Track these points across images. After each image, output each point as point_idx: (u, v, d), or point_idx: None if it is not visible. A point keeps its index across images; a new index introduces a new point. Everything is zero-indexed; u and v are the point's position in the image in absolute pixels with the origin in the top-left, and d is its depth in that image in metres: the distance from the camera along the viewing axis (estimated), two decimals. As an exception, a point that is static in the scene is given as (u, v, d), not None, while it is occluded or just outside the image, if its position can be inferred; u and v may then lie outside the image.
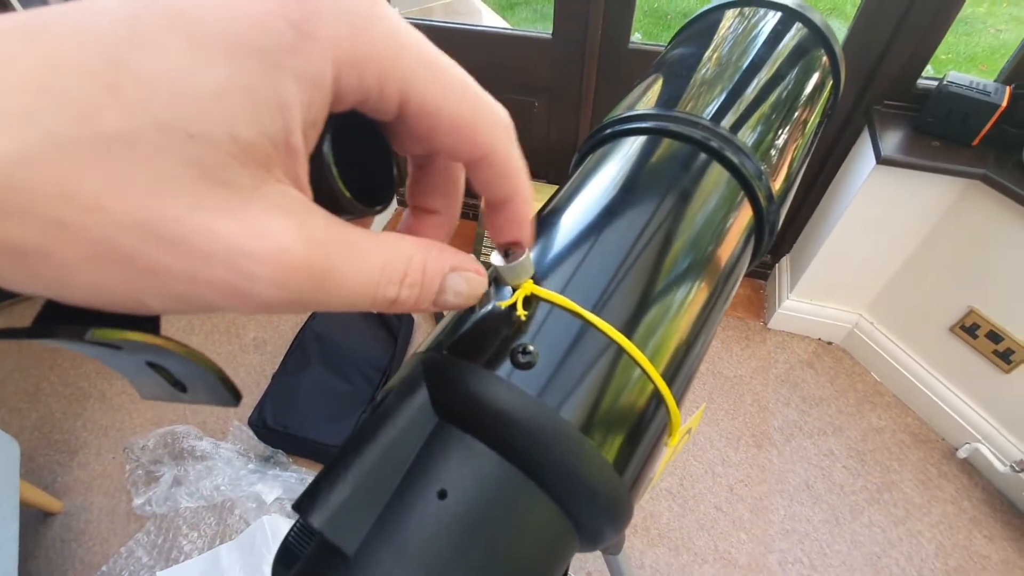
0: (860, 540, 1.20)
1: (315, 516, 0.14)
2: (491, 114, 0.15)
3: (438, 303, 0.16)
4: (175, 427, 1.39)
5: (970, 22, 3.43)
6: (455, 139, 0.15)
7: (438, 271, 0.16)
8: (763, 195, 0.26)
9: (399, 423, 0.16)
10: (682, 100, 0.28)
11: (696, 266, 0.22)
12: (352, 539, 0.14)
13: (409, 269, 0.15)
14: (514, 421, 0.16)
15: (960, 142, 1.13)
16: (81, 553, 1.23)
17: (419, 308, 0.16)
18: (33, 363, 1.57)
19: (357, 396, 1.36)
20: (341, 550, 0.14)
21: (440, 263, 0.16)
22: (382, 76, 0.13)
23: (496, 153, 0.15)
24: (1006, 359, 1.18)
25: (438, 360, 0.18)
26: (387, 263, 0.14)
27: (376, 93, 0.13)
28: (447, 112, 0.14)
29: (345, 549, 0.14)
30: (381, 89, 0.13)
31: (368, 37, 0.12)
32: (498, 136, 0.15)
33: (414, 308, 0.16)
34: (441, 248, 0.16)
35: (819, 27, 0.33)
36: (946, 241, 1.22)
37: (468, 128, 0.14)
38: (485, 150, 0.15)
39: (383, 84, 0.13)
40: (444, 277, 0.16)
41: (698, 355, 0.22)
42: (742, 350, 1.56)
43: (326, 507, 0.14)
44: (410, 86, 0.13)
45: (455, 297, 0.16)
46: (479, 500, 0.15)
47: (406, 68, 0.13)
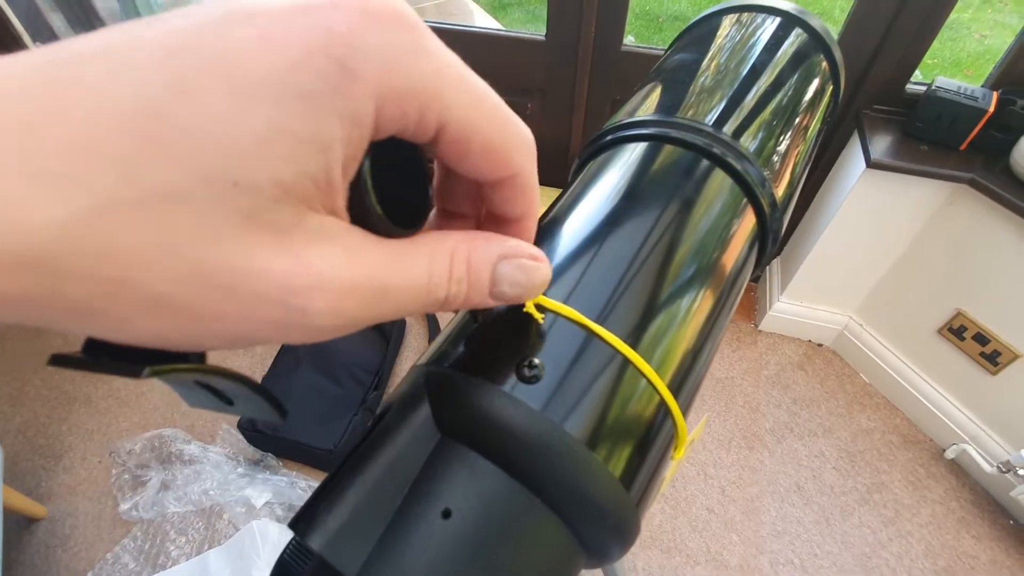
0: (850, 541, 1.21)
1: (314, 538, 0.14)
2: (518, 136, 0.15)
3: (496, 296, 0.15)
4: (163, 431, 1.37)
5: (955, 28, 3.48)
6: (486, 162, 0.15)
7: (485, 262, 0.15)
8: (767, 202, 0.26)
9: (400, 440, 0.16)
10: (683, 106, 0.28)
11: (701, 275, 0.22)
12: (353, 562, 0.14)
13: (453, 264, 0.14)
14: (519, 437, 0.16)
15: (948, 146, 1.14)
16: (66, 559, 1.20)
17: (474, 304, 0.15)
18: (16, 367, 1.54)
19: (348, 399, 1.35)
20: (341, 574, 0.14)
21: (486, 252, 0.15)
22: (423, 107, 0.13)
23: (522, 174, 0.15)
24: (993, 361, 1.20)
25: (440, 374, 0.18)
26: (431, 263, 0.14)
27: (416, 123, 0.13)
28: (480, 136, 0.14)
29: (346, 573, 0.14)
30: (421, 119, 0.13)
31: (412, 71, 0.12)
32: (524, 157, 0.15)
33: (467, 304, 0.15)
34: (487, 237, 0.15)
35: (819, 32, 0.33)
36: (934, 244, 1.24)
37: (499, 151, 0.14)
38: (513, 171, 0.15)
39: (423, 114, 0.13)
40: (493, 267, 0.15)
41: (703, 366, 0.22)
42: (733, 352, 1.56)
43: (325, 529, 0.14)
44: (448, 114, 0.13)
45: (512, 288, 0.15)
46: (485, 519, 0.15)
47: (446, 97, 0.13)
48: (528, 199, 0.16)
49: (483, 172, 0.15)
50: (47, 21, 1.81)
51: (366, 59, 0.11)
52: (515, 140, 0.15)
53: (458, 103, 0.13)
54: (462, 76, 0.13)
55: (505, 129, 0.14)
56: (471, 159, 0.14)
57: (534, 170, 0.16)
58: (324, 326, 0.12)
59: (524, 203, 0.17)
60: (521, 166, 0.15)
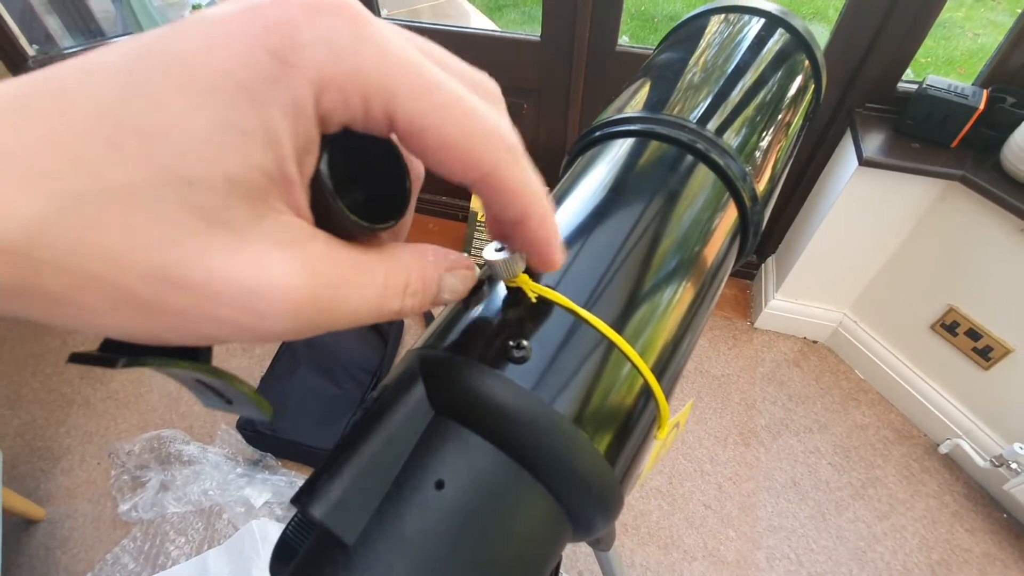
0: (845, 535, 1.22)
1: (316, 507, 0.15)
2: (485, 132, 0.14)
3: (436, 302, 0.17)
4: (161, 431, 1.37)
5: (948, 26, 3.50)
6: (445, 158, 0.14)
7: (435, 276, 0.16)
8: (747, 196, 0.27)
9: (396, 417, 0.17)
10: (669, 103, 0.29)
11: (684, 264, 0.23)
12: (352, 530, 0.15)
13: (410, 279, 0.15)
14: (509, 414, 0.17)
15: (939, 144, 1.15)
16: (66, 561, 1.21)
17: (423, 310, 0.17)
18: (15, 369, 1.54)
19: (346, 399, 1.36)
20: (341, 540, 0.15)
21: (436, 267, 0.17)
22: (367, 96, 0.12)
23: (494, 173, 0.14)
24: (985, 356, 1.21)
25: (434, 356, 0.19)
26: (388, 277, 0.15)
27: (362, 113, 0.13)
28: (434, 131, 0.13)
29: (346, 539, 0.15)
30: (367, 109, 0.13)
31: (351, 59, 0.12)
32: (496, 150, 0.14)
33: (417, 311, 0.16)
34: (435, 252, 0.17)
35: (801, 33, 0.34)
36: (926, 241, 1.25)
37: (459, 148, 0.14)
38: (481, 171, 0.14)
39: (368, 104, 0.13)
40: (440, 279, 0.17)
41: (686, 350, 0.23)
42: (729, 349, 1.58)
43: (327, 498, 0.15)
44: (395, 105, 0.13)
45: (450, 295, 0.17)
46: (475, 490, 0.16)
47: (391, 86, 0.12)
48: (514, 201, 0.15)
49: (450, 170, 0.14)
50: (43, 23, 1.82)
51: (303, 50, 0.11)
52: (480, 135, 0.14)
53: (405, 93, 0.13)
54: (410, 65, 0.13)
55: (465, 122, 0.13)
56: (431, 155, 0.14)
57: (515, 168, 0.15)
58: (279, 330, 0.13)
59: (512, 206, 0.15)
60: (493, 163, 0.14)
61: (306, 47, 0.12)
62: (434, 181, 0.70)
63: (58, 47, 1.72)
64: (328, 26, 0.12)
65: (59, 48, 1.68)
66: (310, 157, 0.13)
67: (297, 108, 0.12)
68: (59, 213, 0.10)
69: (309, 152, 0.13)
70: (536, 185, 0.16)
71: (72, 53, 1.56)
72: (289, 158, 0.12)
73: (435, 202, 1.93)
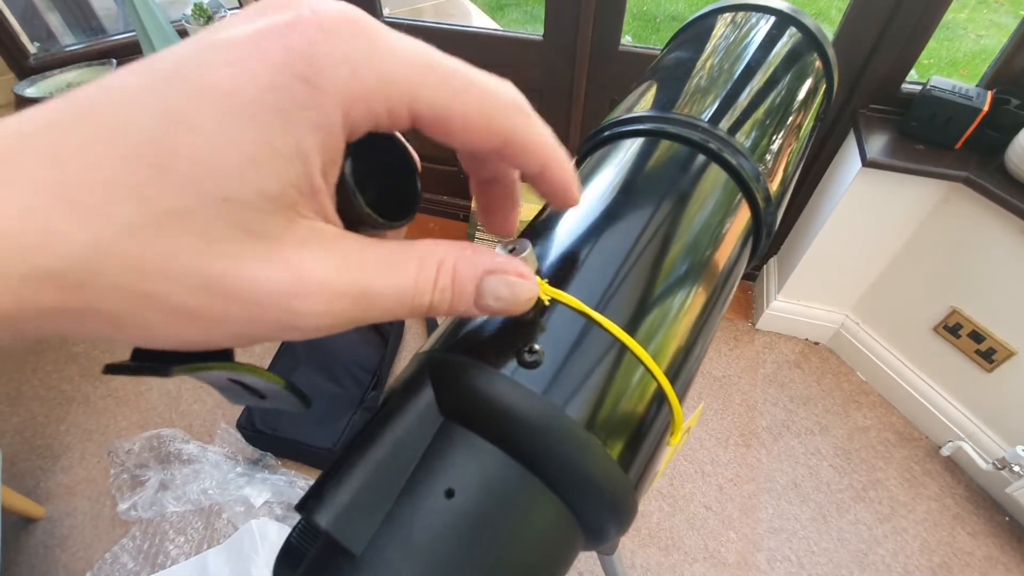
0: (847, 537, 1.22)
1: (322, 516, 0.14)
2: (499, 100, 0.15)
3: (480, 307, 0.16)
4: (161, 430, 1.37)
5: (951, 28, 3.50)
6: (472, 136, 0.15)
7: (470, 274, 0.16)
8: (761, 196, 0.26)
9: (404, 422, 0.16)
10: (679, 102, 0.28)
11: (696, 266, 0.22)
12: (359, 539, 0.14)
13: (439, 274, 0.15)
14: (520, 419, 0.16)
15: (943, 145, 1.15)
16: (65, 559, 1.20)
17: (457, 311, 0.16)
18: (14, 367, 1.54)
19: (346, 398, 1.35)
20: (348, 550, 0.14)
21: (472, 265, 0.16)
22: (390, 102, 0.13)
23: (514, 135, 0.15)
24: (988, 358, 1.21)
25: (443, 359, 0.18)
26: (420, 271, 0.15)
27: (386, 117, 0.13)
28: (457, 112, 0.14)
29: (352, 549, 0.14)
30: (390, 112, 0.13)
31: (372, 73, 0.13)
32: (511, 117, 0.15)
33: (451, 312, 0.16)
34: (475, 250, 0.16)
35: (812, 31, 0.34)
36: (929, 243, 1.25)
37: (481, 123, 0.15)
38: (503, 136, 0.15)
39: (392, 108, 0.13)
40: (479, 280, 0.16)
41: (700, 353, 0.22)
42: (731, 350, 1.57)
43: (333, 507, 0.14)
44: (417, 102, 0.14)
45: (496, 302, 0.16)
46: (486, 498, 0.15)
47: (411, 87, 0.13)
48: (536, 154, 0.16)
49: (474, 145, 0.15)
50: (44, 20, 1.81)
51: (326, 71, 0.12)
52: (496, 106, 0.15)
53: (426, 89, 0.13)
54: (425, 62, 0.14)
55: (481, 99, 0.14)
56: (457, 136, 0.15)
57: (530, 125, 0.16)
58: (319, 325, 0.14)
59: (536, 158, 0.17)
60: (511, 129, 0.15)
61: (329, 69, 0.12)
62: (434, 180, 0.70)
63: (59, 44, 1.71)
64: (344, 45, 0.12)
65: (60, 46, 1.67)
66: (335, 167, 0.14)
67: (326, 127, 0.13)
68: (112, 240, 0.11)
69: (335, 163, 0.14)
70: (550, 136, 0.17)
71: (73, 51, 1.56)
72: (317, 172, 0.13)
73: (436, 201, 1.92)
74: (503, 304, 0.16)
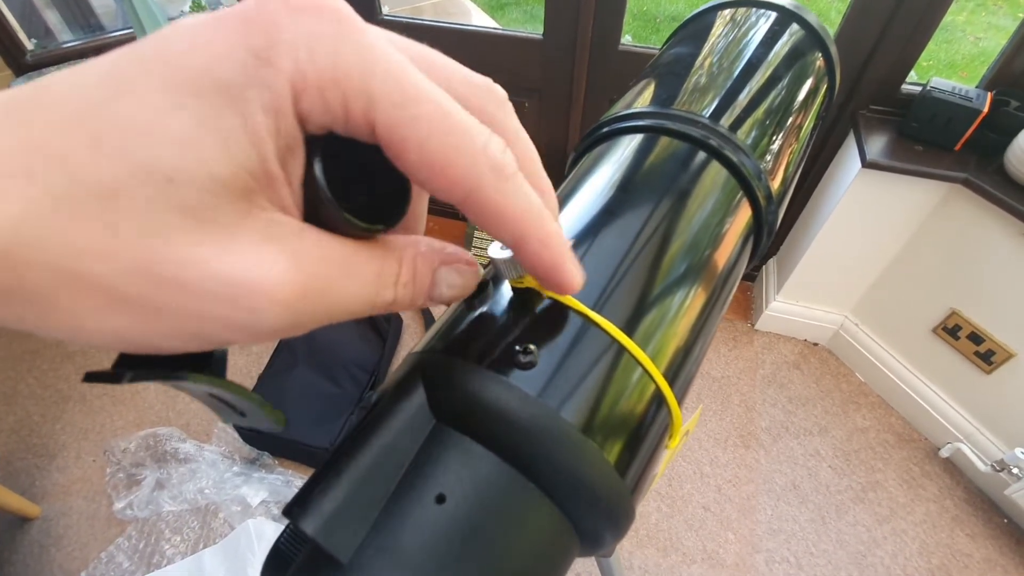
0: (845, 539, 1.22)
1: (307, 522, 0.14)
2: (469, 149, 0.13)
3: (433, 297, 0.16)
4: (158, 429, 1.36)
5: (950, 30, 3.49)
6: (427, 174, 0.13)
7: (428, 268, 0.16)
8: (762, 195, 0.26)
9: (395, 425, 0.16)
10: (680, 98, 0.28)
11: (696, 266, 0.22)
12: (347, 546, 0.14)
13: (401, 270, 0.15)
14: (514, 423, 0.16)
15: (943, 147, 1.15)
16: (60, 559, 1.20)
17: (416, 304, 0.16)
18: (10, 365, 1.53)
19: (344, 397, 1.35)
20: (335, 558, 0.14)
21: (429, 259, 0.16)
22: (346, 100, 0.12)
23: (478, 193, 0.13)
24: (987, 360, 1.20)
25: (435, 360, 0.18)
26: (381, 268, 0.14)
27: (342, 117, 0.12)
28: (415, 143, 0.12)
29: (339, 557, 0.14)
30: (347, 113, 0.12)
31: (330, 59, 0.12)
32: (477, 174, 0.13)
33: (411, 305, 0.16)
34: (429, 243, 0.16)
35: (815, 28, 0.33)
36: (929, 244, 1.24)
37: (438, 164, 0.13)
38: (464, 190, 0.13)
39: (348, 108, 0.12)
40: (434, 272, 0.16)
41: (699, 355, 0.22)
42: (730, 351, 1.57)
43: (319, 513, 0.14)
44: (375, 113, 0.12)
45: (448, 289, 0.16)
46: (478, 504, 0.15)
47: (372, 92, 0.12)
48: (506, 225, 0.14)
49: (432, 188, 0.13)
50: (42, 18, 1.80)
51: (282, 48, 0.11)
52: (464, 153, 0.13)
53: (386, 101, 0.12)
54: (394, 71, 0.12)
55: (446, 138, 0.13)
56: (412, 169, 0.13)
57: (500, 191, 0.14)
58: (275, 325, 0.12)
59: (503, 229, 0.14)
60: (476, 184, 0.13)
61: (285, 46, 0.11)
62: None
63: (57, 41, 1.71)
64: (309, 26, 0.12)
65: (58, 43, 1.67)
66: (294, 157, 0.13)
67: (277, 106, 0.12)
68: (39, 212, 0.10)
69: (292, 151, 0.13)
70: (531, 206, 0.14)
71: (71, 48, 1.55)
72: (271, 157, 0.12)
73: (434, 200, 1.91)
74: (456, 291, 0.17)
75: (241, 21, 0.11)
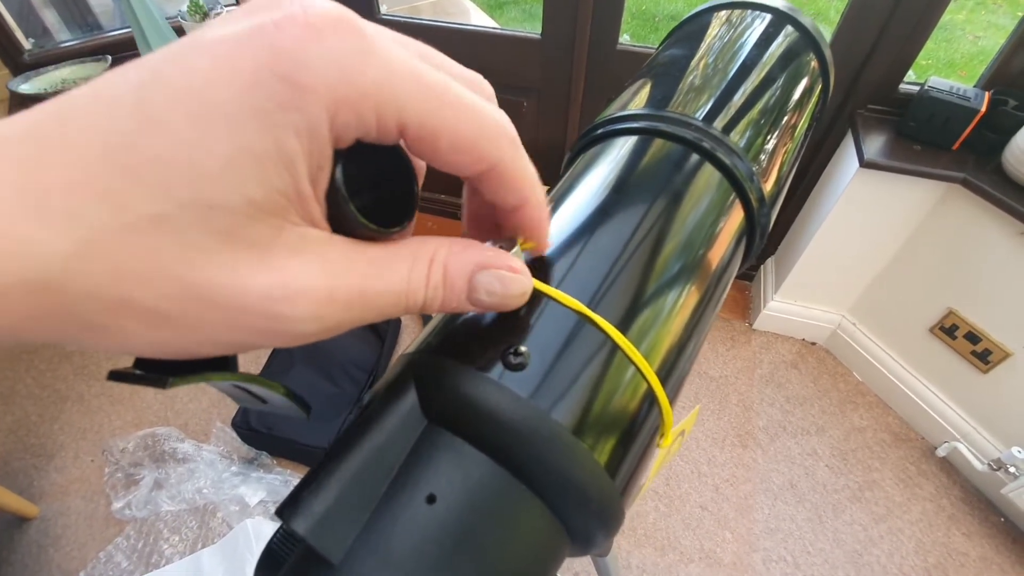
0: (842, 538, 1.22)
1: (299, 523, 0.14)
2: (491, 127, 0.15)
3: (473, 302, 0.16)
4: (156, 429, 1.36)
5: (949, 29, 3.50)
6: (458, 157, 0.14)
7: (461, 269, 0.16)
8: (755, 197, 0.26)
9: (386, 426, 0.16)
10: (674, 100, 0.28)
11: (689, 265, 0.22)
12: (338, 547, 0.14)
13: (431, 271, 0.15)
14: (505, 424, 0.16)
15: (941, 146, 1.15)
16: (58, 559, 1.20)
17: (451, 308, 0.16)
18: (8, 365, 1.53)
19: (343, 397, 1.35)
20: (326, 559, 0.14)
21: (463, 260, 0.16)
22: (378, 110, 0.13)
23: (501, 164, 0.15)
24: (984, 359, 1.21)
25: (427, 361, 0.18)
26: (410, 270, 0.15)
27: (374, 127, 0.13)
28: (446, 132, 0.14)
29: (330, 557, 0.14)
30: (379, 122, 0.13)
31: (360, 76, 0.12)
32: (500, 147, 0.15)
33: (444, 308, 0.16)
34: (466, 244, 0.16)
35: (809, 30, 0.33)
36: (926, 243, 1.25)
37: (469, 144, 0.14)
38: (489, 163, 0.15)
39: (380, 117, 0.13)
40: (471, 275, 0.16)
41: (691, 355, 0.22)
42: (727, 351, 1.57)
43: (310, 513, 0.14)
44: (406, 114, 0.13)
45: (488, 296, 0.16)
46: (469, 504, 0.15)
47: (400, 98, 0.13)
48: (517, 188, 0.16)
49: (459, 167, 0.15)
50: (40, 17, 1.80)
51: (312, 71, 0.12)
52: (486, 131, 0.14)
53: (415, 102, 0.13)
54: (416, 74, 0.13)
55: (472, 121, 0.14)
56: (442, 156, 0.14)
57: (517, 157, 0.16)
58: (308, 331, 0.13)
59: (514, 192, 0.16)
60: (498, 157, 0.15)
61: (315, 69, 0.12)
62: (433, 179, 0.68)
63: (55, 41, 1.70)
64: (334, 46, 0.12)
65: (56, 42, 1.66)
66: (323, 173, 0.13)
67: (311, 130, 0.12)
68: (89, 246, 0.10)
69: (322, 168, 0.13)
70: (533, 172, 0.17)
71: (69, 47, 1.55)
72: (303, 177, 0.13)
73: (433, 200, 1.92)
74: (495, 299, 0.16)
75: (265, 45, 0.11)
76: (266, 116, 0.11)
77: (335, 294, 0.13)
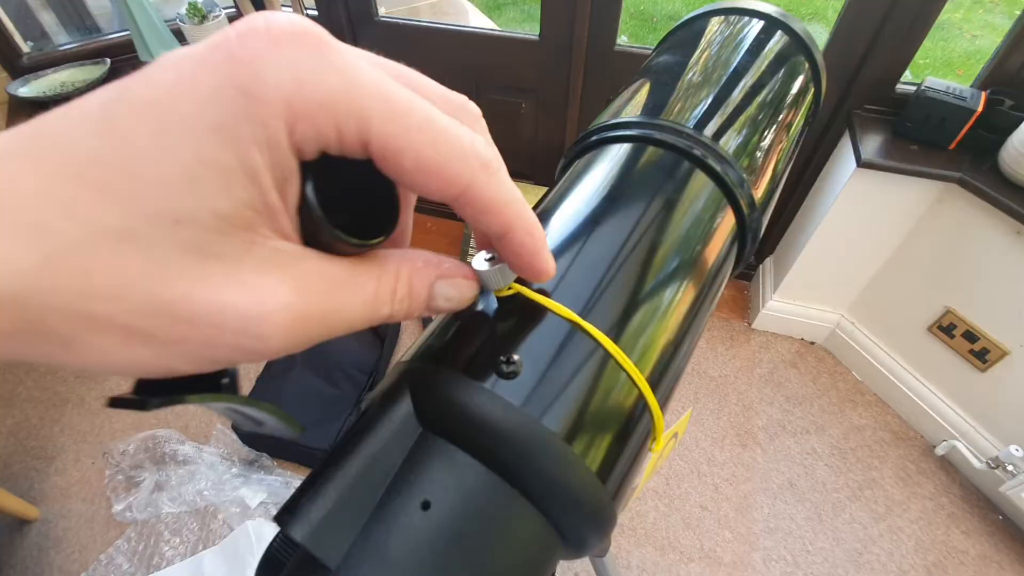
0: (842, 537, 1.22)
1: (296, 529, 0.14)
2: (459, 150, 0.14)
3: (432, 309, 0.17)
4: (156, 431, 1.36)
5: (947, 28, 3.50)
6: (424, 179, 0.14)
7: (424, 283, 0.16)
8: (745, 203, 0.26)
9: (382, 433, 0.16)
10: (666, 108, 0.28)
11: (681, 271, 0.22)
12: (335, 552, 0.14)
13: (398, 285, 0.16)
14: (498, 432, 0.16)
15: (937, 146, 1.15)
16: (59, 561, 1.20)
17: (412, 316, 0.17)
18: (8, 368, 1.53)
19: (343, 399, 1.35)
20: (323, 564, 0.14)
21: (425, 275, 0.17)
22: (338, 124, 0.12)
23: (472, 188, 0.15)
24: (982, 358, 1.21)
25: (422, 370, 0.18)
26: (378, 286, 0.15)
27: (336, 140, 0.13)
28: (411, 151, 0.13)
29: (328, 563, 0.14)
30: (339, 135, 0.13)
31: (317, 87, 0.12)
32: (471, 170, 0.14)
33: (407, 317, 0.16)
34: (426, 259, 0.17)
35: (800, 36, 0.34)
36: (924, 243, 1.25)
37: (434, 166, 0.14)
38: (459, 187, 0.14)
39: (340, 130, 0.13)
40: (431, 287, 0.17)
41: (683, 361, 0.22)
42: (727, 350, 1.57)
43: (308, 520, 0.14)
44: (367, 130, 0.13)
45: (446, 302, 0.17)
46: (463, 510, 0.15)
47: (362, 111, 0.13)
48: (495, 214, 0.15)
49: (427, 189, 0.14)
50: (38, 20, 1.80)
51: (269, 83, 0.12)
52: (454, 153, 0.14)
53: (377, 118, 0.13)
54: (381, 90, 0.13)
55: (440, 143, 0.14)
56: (408, 175, 0.14)
57: (492, 183, 0.15)
58: (278, 347, 0.13)
59: (494, 219, 0.16)
60: (468, 181, 0.14)
61: (272, 81, 0.12)
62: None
63: (53, 44, 1.71)
64: (292, 57, 0.12)
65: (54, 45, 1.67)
66: (291, 185, 0.13)
67: (271, 142, 0.12)
68: (54, 260, 0.10)
69: (289, 180, 0.13)
70: (516, 197, 0.16)
71: (67, 50, 1.55)
72: (270, 189, 0.12)
73: (434, 201, 1.92)
74: (452, 303, 0.17)
75: (225, 58, 0.12)
76: (226, 129, 0.11)
77: (309, 310, 0.13)
